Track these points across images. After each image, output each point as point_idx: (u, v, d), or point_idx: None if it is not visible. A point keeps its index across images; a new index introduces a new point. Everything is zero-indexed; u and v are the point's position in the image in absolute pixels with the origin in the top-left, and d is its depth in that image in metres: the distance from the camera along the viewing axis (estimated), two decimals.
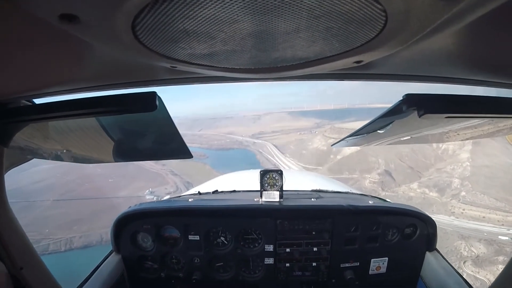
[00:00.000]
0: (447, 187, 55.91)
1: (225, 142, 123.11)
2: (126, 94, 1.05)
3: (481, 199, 49.30)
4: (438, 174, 62.75)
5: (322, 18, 0.60)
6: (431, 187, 57.01)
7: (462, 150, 66.69)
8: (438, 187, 56.64)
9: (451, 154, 70.06)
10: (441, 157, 72.70)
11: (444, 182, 57.57)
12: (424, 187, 58.10)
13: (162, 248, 2.44)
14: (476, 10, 0.62)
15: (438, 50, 0.91)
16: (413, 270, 2.45)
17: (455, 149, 69.64)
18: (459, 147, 68.04)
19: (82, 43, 0.71)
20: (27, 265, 1.52)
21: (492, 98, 1.14)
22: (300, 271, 2.46)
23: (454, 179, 56.61)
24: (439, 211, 49.38)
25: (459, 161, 63.27)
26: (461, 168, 60.33)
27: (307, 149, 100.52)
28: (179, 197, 3.25)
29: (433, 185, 57.56)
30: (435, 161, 72.06)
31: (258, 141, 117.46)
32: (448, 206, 50.44)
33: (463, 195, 51.32)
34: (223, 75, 0.99)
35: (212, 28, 0.64)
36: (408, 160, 73.52)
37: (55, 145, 1.59)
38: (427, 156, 74.56)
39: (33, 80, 1.04)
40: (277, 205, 2.43)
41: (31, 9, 0.55)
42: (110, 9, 0.54)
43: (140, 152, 1.79)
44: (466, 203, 49.58)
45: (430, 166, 70.44)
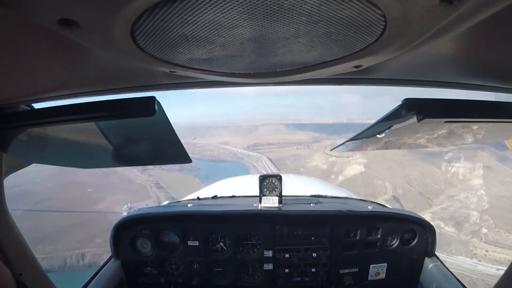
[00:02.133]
0: (464, 221, 47.43)
1: (219, 153, 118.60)
2: (125, 99, 1.05)
3: (505, 238, 42.03)
4: (450, 202, 53.78)
5: (321, 23, 0.61)
6: (447, 220, 47.92)
7: (473, 175, 60.40)
8: (454, 220, 47.74)
9: (462, 179, 62.63)
10: (451, 182, 64.19)
11: (460, 215, 48.92)
12: (439, 219, 48.22)
13: (161, 254, 2.42)
14: (475, 15, 0.62)
15: (437, 55, 0.91)
16: (412, 276, 2.45)
17: (465, 173, 62.88)
18: (469, 171, 62.53)
19: (81, 48, 0.72)
20: (26, 270, 1.51)
21: (491, 103, 1.15)
22: (299, 276, 2.44)
23: (472, 211, 48.85)
24: (459, 251, 41.58)
25: (471, 188, 55.66)
26: (476, 197, 52.39)
27: (305, 166, 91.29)
28: (178, 202, 3.25)
29: (449, 217, 48.60)
30: (445, 186, 63.42)
31: (253, 153, 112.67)
32: (469, 245, 42.45)
33: (485, 233, 43.59)
34: (222, 80, 0.99)
35: (211, 33, 0.64)
36: (417, 185, 65.01)
37: (54, 150, 1.59)
38: (436, 180, 66.22)
39: (32, 85, 1.04)
40: (276, 210, 2.43)
41: (30, 14, 0.55)
42: (109, 14, 0.54)
43: (139, 156, 1.79)
44: (489, 243, 41.89)
45: (440, 192, 61.30)
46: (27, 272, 1.52)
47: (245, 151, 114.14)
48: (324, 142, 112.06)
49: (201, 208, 2.58)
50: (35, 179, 56.78)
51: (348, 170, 72.57)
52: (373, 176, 67.84)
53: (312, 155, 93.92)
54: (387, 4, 0.53)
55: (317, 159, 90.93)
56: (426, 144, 1.82)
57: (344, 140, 1.79)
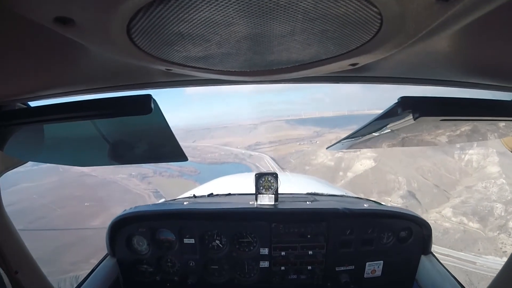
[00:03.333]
0: (488, 214, 41.07)
1: (220, 155, 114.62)
2: (121, 96, 1.05)
3: None
4: (469, 194, 48.04)
5: (317, 21, 0.60)
6: (469, 215, 41.72)
7: (487, 162, 54.27)
8: (477, 214, 41.37)
9: (476, 166, 57.16)
10: (465, 170, 58.79)
11: (483, 208, 42.30)
12: (461, 214, 42.31)
13: (157, 252, 2.43)
14: (472, 13, 0.62)
15: (433, 52, 0.91)
16: (408, 274, 2.45)
17: (479, 160, 57.15)
18: (483, 157, 56.67)
19: (77, 45, 0.71)
20: (22, 268, 1.53)
21: (487, 101, 1.15)
22: (295, 274, 2.45)
23: (495, 203, 42.33)
24: (487, 250, 35.76)
25: (489, 177, 49.58)
26: (496, 187, 46.14)
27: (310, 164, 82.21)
28: (174, 200, 3.25)
29: (472, 212, 42.17)
30: (461, 176, 57.88)
31: (254, 153, 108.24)
32: (497, 242, 36.82)
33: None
34: (218, 78, 0.99)
35: (207, 31, 0.64)
36: (431, 177, 58.63)
37: (50, 148, 1.58)
38: (450, 170, 60.13)
39: (28, 83, 1.04)
40: (272, 208, 2.43)
41: (26, 12, 0.55)
42: (105, 12, 0.54)
43: (135, 154, 1.79)
44: None
45: (456, 183, 55.82)
46: (23, 270, 1.53)
47: (246, 151, 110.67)
48: (327, 136, 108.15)
49: (197, 206, 2.58)
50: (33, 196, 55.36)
51: (357, 166, 66.21)
52: (385, 170, 61.53)
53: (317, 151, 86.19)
54: (383, 2, 0.53)
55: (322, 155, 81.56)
56: (422, 142, 1.82)
57: (343, 137, 1.78)
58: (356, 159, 66.83)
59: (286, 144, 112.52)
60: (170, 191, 62.29)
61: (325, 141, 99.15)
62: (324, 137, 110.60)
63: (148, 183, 74.53)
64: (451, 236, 37.87)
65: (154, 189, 71.06)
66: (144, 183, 73.68)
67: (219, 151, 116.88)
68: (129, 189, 69.62)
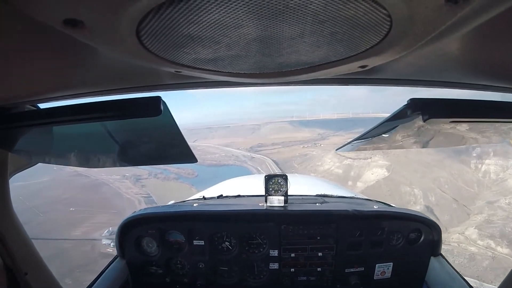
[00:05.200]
0: None
1: (220, 156, 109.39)
2: (131, 98, 1.05)
3: None
4: (491, 211, 42.05)
5: (327, 23, 0.61)
6: (497, 238, 35.26)
7: (508, 174, 51.37)
8: (505, 237, 35.05)
9: (495, 179, 53.70)
10: (483, 182, 54.90)
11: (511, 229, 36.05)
12: (487, 237, 35.84)
13: (166, 253, 2.43)
14: (481, 15, 0.62)
15: (442, 55, 0.91)
16: (418, 275, 2.44)
17: (497, 172, 54.42)
18: (502, 169, 54.32)
19: (87, 48, 0.72)
20: (31, 270, 1.53)
21: (497, 103, 1.15)
22: (305, 276, 2.45)
23: None
24: None
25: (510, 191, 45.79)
26: None
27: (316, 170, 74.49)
28: (184, 202, 3.25)
29: (499, 234, 35.67)
30: (479, 188, 53.58)
31: (256, 155, 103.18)
32: None
33: None
34: (227, 80, 0.99)
35: (216, 33, 0.64)
36: (448, 189, 53.53)
37: (59, 149, 1.59)
38: (468, 181, 55.75)
39: (38, 85, 1.04)
40: (281, 210, 2.43)
41: (36, 14, 0.55)
42: (115, 14, 0.54)
43: (145, 156, 1.79)
44: None
45: (475, 196, 50.68)
46: (33, 272, 1.54)
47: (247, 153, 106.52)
48: (332, 139, 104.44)
49: (206, 208, 2.58)
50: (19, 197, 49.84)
51: (367, 175, 61.88)
52: (399, 181, 56.76)
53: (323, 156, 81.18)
54: (392, 4, 0.53)
55: (329, 161, 76.22)
56: (431, 144, 1.82)
57: (351, 139, 1.79)
58: (367, 167, 63.79)
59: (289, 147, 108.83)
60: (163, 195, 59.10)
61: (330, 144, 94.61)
62: (329, 140, 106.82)
63: (142, 186, 70.34)
64: (479, 264, 32.84)
65: (146, 193, 66.56)
66: (137, 186, 69.38)
67: (219, 152, 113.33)
68: (120, 192, 64.98)
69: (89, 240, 40.15)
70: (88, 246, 38.49)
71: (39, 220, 45.45)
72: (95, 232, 42.15)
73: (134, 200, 60.60)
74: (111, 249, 36.08)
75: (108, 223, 44.41)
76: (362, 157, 64.64)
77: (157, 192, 65.38)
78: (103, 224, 44.74)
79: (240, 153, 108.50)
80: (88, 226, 44.41)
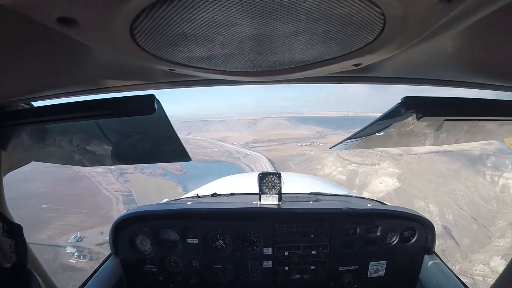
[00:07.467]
0: None
1: (212, 151, 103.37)
2: (125, 97, 1.05)
3: None
4: None
5: (321, 21, 0.61)
6: None
7: None
8: None
9: None
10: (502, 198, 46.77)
11: None
12: None
13: (160, 251, 2.43)
14: (475, 13, 0.62)
15: (436, 53, 0.92)
16: (412, 273, 2.45)
17: None
18: None
19: (80, 46, 0.71)
20: None
21: (490, 101, 1.15)
22: (299, 274, 2.45)
23: None
24: None
25: None
26: None
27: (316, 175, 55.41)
28: (178, 200, 3.25)
29: None
30: (498, 205, 45.87)
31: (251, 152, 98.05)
32: None
33: None
34: (221, 78, 0.99)
35: (210, 31, 0.64)
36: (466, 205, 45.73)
37: (53, 148, 1.59)
38: (485, 197, 47.83)
39: (31, 83, 1.04)
40: (275, 208, 2.43)
41: (29, 12, 0.55)
42: (108, 12, 0.54)
43: (138, 154, 1.79)
44: None
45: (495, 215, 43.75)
46: None
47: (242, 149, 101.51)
48: (330, 138, 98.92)
49: (200, 206, 2.59)
50: None
51: (375, 184, 53.88)
52: (412, 193, 48.71)
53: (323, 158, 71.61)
54: (386, 2, 0.53)
55: (330, 164, 66.70)
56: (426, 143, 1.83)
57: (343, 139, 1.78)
58: (375, 174, 56.26)
59: (286, 144, 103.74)
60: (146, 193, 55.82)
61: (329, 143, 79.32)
62: (327, 138, 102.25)
63: (124, 182, 64.25)
64: None
65: (127, 191, 60.45)
66: (119, 182, 63.53)
67: (212, 147, 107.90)
68: (99, 188, 58.85)
69: (52, 247, 36.15)
70: (51, 253, 34.48)
71: None
72: (62, 237, 38.77)
73: (112, 199, 56.17)
74: (74, 260, 34.12)
75: (78, 226, 41.61)
76: (368, 163, 59.36)
77: (140, 190, 61.01)
78: (72, 226, 41.81)
79: (234, 148, 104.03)
80: (56, 228, 40.94)
